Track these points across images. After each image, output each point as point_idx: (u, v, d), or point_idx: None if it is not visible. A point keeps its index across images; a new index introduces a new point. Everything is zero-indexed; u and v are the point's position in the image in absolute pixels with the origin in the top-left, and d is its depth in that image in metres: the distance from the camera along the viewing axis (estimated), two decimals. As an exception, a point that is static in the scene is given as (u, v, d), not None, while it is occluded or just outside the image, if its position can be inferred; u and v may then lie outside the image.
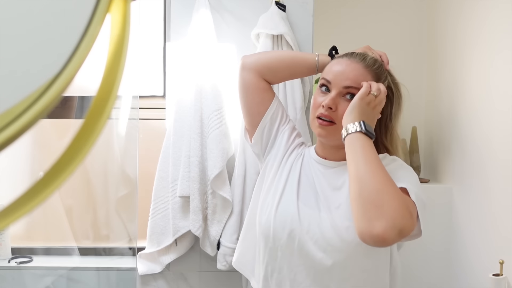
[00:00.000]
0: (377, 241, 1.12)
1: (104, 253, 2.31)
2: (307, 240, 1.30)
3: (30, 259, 2.23)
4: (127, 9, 0.50)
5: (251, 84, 1.47)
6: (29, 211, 0.46)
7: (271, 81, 1.50)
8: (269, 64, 1.48)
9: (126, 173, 2.24)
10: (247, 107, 1.49)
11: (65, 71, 0.46)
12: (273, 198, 1.38)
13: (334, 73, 1.33)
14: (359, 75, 1.32)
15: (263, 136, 1.48)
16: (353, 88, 1.30)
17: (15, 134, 0.44)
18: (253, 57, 1.51)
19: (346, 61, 1.35)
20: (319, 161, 1.40)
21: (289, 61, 1.50)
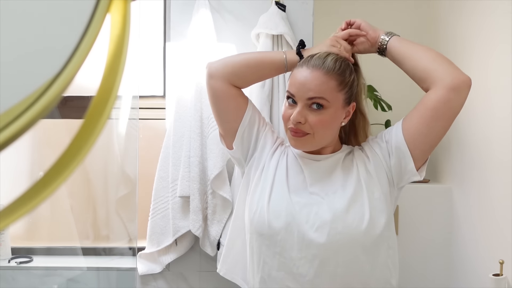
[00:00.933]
0: (469, 83, 1.32)
1: (104, 253, 2.31)
2: (307, 229, 1.30)
3: (30, 259, 2.23)
4: (127, 9, 0.50)
5: (222, 92, 1.43)
6: (29, 211, 0.46)
7: (240, 86, 1.46)
8: (235, 70, 1.44)
9: (126, 173, 2.24)
10: (222, 115, 1.46)
11: (65, 71, 0.46)
12: (262, 194, 1.37)
13: (297, 86, 1.32)
14: (321, 83, 1.31)
15: (243, 141, 1.45)
16: (317, 98, 1.31)
17: (15, 134, 0.44)
18: (218, 64, 1.46)
19: (306, 70, 1.33)
20: (308, 156, 1.40)
21: (256, 64, 1.46)
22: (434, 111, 1.30)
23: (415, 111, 1.33)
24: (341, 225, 1.29)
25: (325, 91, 1.31)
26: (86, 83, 0.64)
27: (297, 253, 1.31)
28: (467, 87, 1.31)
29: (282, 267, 1.33)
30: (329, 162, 1.38)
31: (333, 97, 1.31)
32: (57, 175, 0.47)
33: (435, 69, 1.31)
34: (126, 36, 0.50)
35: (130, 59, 0.50)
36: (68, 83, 0.46)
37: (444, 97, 1.29)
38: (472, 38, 2.15)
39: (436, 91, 1.29)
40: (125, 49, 0.50)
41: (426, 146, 1.34)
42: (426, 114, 1.30)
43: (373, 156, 1.37)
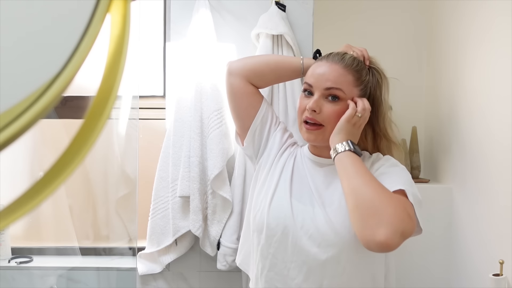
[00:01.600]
0: (382, 247, 1.14)
1: (104, 253, 2.31)
2: (302, 235, 1.32)
3: (30, 259, 2.23)
4: (127, 9, 0.50)
5: (239, 89, 1.50)
6: (29, 211, 0.46)
7: (257, 85, 1.53)
8: (255, 69, 1.51)
9: (126, 173, 2.24)
10: (237, 111, 1.53)
11: (65, 71, 0.46)
12: (266, 195, 1.40)
13: (315, 76, 1.36)
14: (339, 75, 1.34)
15: (255, 139, 1.50)
16: (334, 89, 1.34)
17: (15, 134, 0.44)
18: (239, 63, 1.54)
19: (325, 63, 1.37)
20: (313, 158, 1.43)
21: (274, 66, 1.53)
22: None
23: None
24: (333, 239, 1.29)
25: (342, 83, 1.34)
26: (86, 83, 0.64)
27: (289, 256, 1.33)
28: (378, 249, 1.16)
29: (273, 267, 1.35)
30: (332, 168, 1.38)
31: (349, 91, 1.35)
32: (57, 175, 0.47)
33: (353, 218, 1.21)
34: (126, 36, 0.50)
35: (130, 59, 0.50)
36: (68, 83, 0.46)
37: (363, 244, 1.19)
38: (472, 39, 2.15)
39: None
40: (125, 49, 0.50)
41: None
42: None
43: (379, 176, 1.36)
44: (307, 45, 2.16)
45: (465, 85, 2.20)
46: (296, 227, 1.33)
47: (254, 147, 1.51)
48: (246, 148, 1.52)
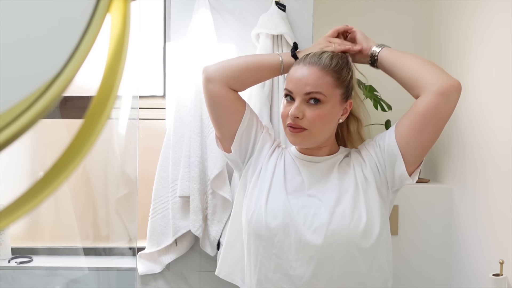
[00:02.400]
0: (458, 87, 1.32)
1: (104, 253, 2.31)
2: (304, 231, 1.31)
3: (30, 259, 2.23)
4: (127, 9, 0.50)
5: (221, 96, 1.44)
6: (29, 211, 0.46)
7: (237, 89, 1.47)
8: (234, 73, 1.45)
9: (126, 173, 2.24)
10: (220, 119, 1.46)
11: (65, 71, 0.46)
12: (260, 196, 1.38)
13: (294, 82, 1.35)
14: (317, 78, 1.34)
15: (242, 144, 1.46)
16: (314, 93, 1.33)
17: (15, 134, 0.44)
18: (216, 68, 1.47)
19: (302, 66, 1.36)
20: (305, 158, 1.42)
21: (253, 68, 1.48)
22: (423, 117, 1.31)
23: (406, 116, 1.35)
24: (338, 227, 1.30)
25: (322, 85, 1.33)
26: (86, 83, 0.64)
27: (294, 254, 1.32)
28: (456, 91, 1.32)
29: (279, 268, 1.33)
30: (326, 164, 1.40)
31: (329, 92, 1.34)
32: (57, 175, 0.47)
33: (424, 75, 1.33)
34: (126, 36, 0.50)
35: (130, 59, 0.50)
36: (68, 83, 0.46)
37: (433, 102, 1.30)
38: (472, 39, 2.15)
39: (425, 96, 1.31)
40: (125, 49, 0.50)
41: (417, 150, 1.36)
42: (416, 120, 1.32)
43: (369, 159, 1.39)
44: (307, 45, 2.15)
45: (465, 85, 2.20)
46: (298, 223, 1.32)
47: (241, 152, 1.46)
48: (232, 155, 1.47)
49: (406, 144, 1.33)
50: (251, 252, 1.39)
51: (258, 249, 1.36)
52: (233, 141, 1.45)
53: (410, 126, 1.33)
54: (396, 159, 1.35)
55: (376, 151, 1.39)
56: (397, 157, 1.34)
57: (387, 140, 1.37)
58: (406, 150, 1.34)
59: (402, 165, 1.34)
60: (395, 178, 1.37)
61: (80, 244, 2.32)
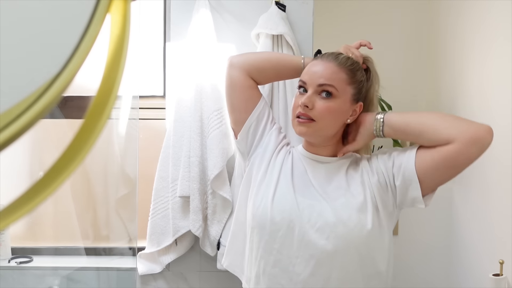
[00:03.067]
0: (491, 132, 1.28)
1: (104, 253, 2.31)
2: (308, 228, 1.32)
3: (30, 259, 2.23)
4: (127, 9, 0.50)
5: (239, 81, 1.51)
6: (29, 211, 0.46)
7: (257, 81, 1.53)
8: (256, 64, 1.52)
9: (126, 173, 2.24)
10: (234, 104, 1.53)
11: (65, 71, 0.46)
12: (267, 191, 1.40)
13: (309, 74, 1.39)
14: (332, 72, 1.37)
15: (249, 134, 1.50)
16: (326, 85, 1.36)
17: (15, 134, 0.44)
18: (241, 57, 1.56)
19: (320, 62, 1.40)
20: (311, 156, 1.43)
21: (276, 63, 1.54)
22: (451, 163, 1.30)
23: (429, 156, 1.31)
24: (342, 230, 1.31)
25: (335, 80, 1.36)
26: (86, 83, 0.64)
27: (295, 251, 1.33)
28: (490, 136, 1.29)
29: (278, 263, 1.35)
30: (333, 166, 1.41)
31: (342, 88, 1.36)
32: (57, 175, 0.47)
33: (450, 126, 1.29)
34: (126, 36, 0.50)
35: (130, 59, 0.50)
36: (68, 83, 0.46)
37: (464, 151, 1.28)
38: (472, 39, 2.15)
39: (455, 145, 1.27)
40: (125, 49, 0.50)
41: (435, 183, 1.35)
42: (443, 164, 1.31)
43: (378, 171, 1.38)
44: (307, 45, 2.16)
45: (465, 85, 2.20)
46: (303, 220, 1.33)
47: (248, 142, 1.51)
48: (239, 142, 1.53)
49: (424, 175, 1.32)
50: (253, 245, 1.41)
51: (260, 242, 1.37)
52: (241, 130, 1.51)
53: (434, 166, 1.31)
54: (411, 182, 1.33)
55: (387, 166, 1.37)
56: (412, 181, 1.33)
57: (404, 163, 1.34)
58: (423, 179, 1.33)
59: (417, 189, 1.33)
60: (406, 199, 1.37)
61: (80, 244, 2.32)
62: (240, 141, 1.51)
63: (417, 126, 1.32)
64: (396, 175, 1.35)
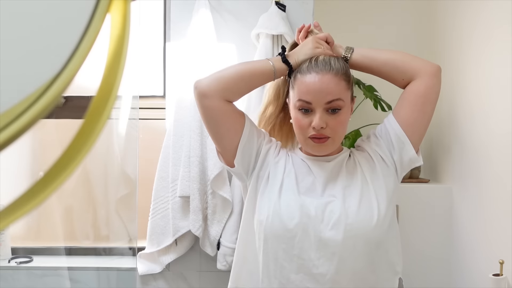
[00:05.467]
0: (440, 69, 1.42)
1: (104, 253, 2.31)
2: (323, 228, 1.31)
3: (30, 259, 2.23)
4: (127, 9, 0.50)
5: (219, 110, 1.39)
6: (29, 211, 0.46)
7: (233, 100, 1.43)
8: (228, 85, 1.40)
9: (126, 173, 2.24)
10: (220, 133, 1.42)
11: (65, 71, 0.46)
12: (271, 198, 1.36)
13: (313, 93, 1.33)
14: (335, 85, 1.34)
15: (244, 156, 1.41)
16: (336, 101, 1.33)
17: (15, 134, 0.44)
18: (209, 81, 1.40)
19: (316, 76, 1.34)
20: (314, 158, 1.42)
21: (247, 76, 1.43)
22: (424, 97, 1.39)
23: (405, 103, 1.41)
24: (354, 221, 1.32)
25: (340, 92, 1.34)
26: (86, 83, 0.64)
27: (315, 253, 1.31)
28: (440, 72, 1.43)
29: (302, 268, 1.32)
30: (335, 162, 1.41)
31: (346, 96, 1.36)
32: (57, 175, 0.47)
33: (412, 63, 1.42)
34: (126, 36, 0.50)
35: (130, 59, 0.50)
36: (68, 83, 0.46)
37: (430, 83, 1.39)
38: (472, 39, 2.15)
39: (421, 80, 1.39)
40: (125, 49, 0.50)
41: (421, 130, 1.43)
42: (418, 102, 1.39)
43: (373, 153, 1.41)
44: (307, 45, 2.16)
45: (465, 85, 2.20)
46: (316, 221, 1.32)
47: (244, 164, 1.42)
48: (236, 168, 1.43)
49: (411, 127, 1.39)
50: (270, 257, 1.35)
51: (278, 252, 1.33)
52: (236, 155, 1.41)
53: (413, 109, 1.39)
54: (404, 145, 1.39)
55: (379, 144, 1.41)
56: (404, 142, 1.39)
57: (390, 129, 1.40)
58: (411, 133, 1.39)
59: (411, 149, 1.40)
60: (404, 163, 1.41)
61: (80, 244, 2.32)
62: (238, 166, 1.42)
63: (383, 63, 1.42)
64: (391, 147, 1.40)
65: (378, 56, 1.44)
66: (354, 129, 2.52)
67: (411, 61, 1.42)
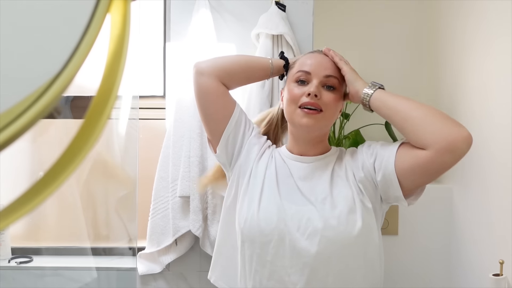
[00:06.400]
0: (469, 141, 1.24)
1: (104, 253, 2.31)
2: (298, 237, 1.28)
3: (30, 259, 2.23)
4: (127, 9, 0.50)
5: (212, 89, 1.41)
6: (29, 211, 0.46)
7: (228, 86, 1.44)
8: (227, 67, 1.44)
9: (126, 173, 2.24)
10: (208, 114, 1.43)
11: (65, 71, 0.46)
12: (252, 201, 1.34)
13: (313, 65, 1.36)
14: (332, 65, 1.37)
15: (228, 145, 1.42)
16: (332, 77, 1.35)
17: (15, 134, 0.44)
18: (209, 62, 1.45)
19: (317, 55, 1.39)
20: (296, 158, 1.40)
21: (245, 65, 1.47)
22: (425, 170, 1.26)
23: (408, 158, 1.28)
24: (332, 233, 1.28)
25: (337, 73, 1.37)
26: (86, 83, 0.64)
27: (288, 261, 1.29)
28: (466, 145, 1.24)
29: (273, 275, 1.31)
30: (318, 164, 1.38)
31: (339, 84, 1.37)
32: (57, 175, 0.47)
33: (426, 129, 1.24)
34: (126, 36, 0.50)
35: (130, 59, 0.50)
36: (68, 83, 0.46)
37: (437, 159, 1.23)
38: (472, 39, 2.15)
39: (428, 152, 1.23)
40: (125, 49, 0.50)
41: (416, 185, 1.32)
42: (417, 171, 1.27)
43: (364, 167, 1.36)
44: (307, 45, 2.16)
45: (465, 85, 2.20)
46: (292, 229, 1.29)
47: (227, 153, 1.43)
48: (219, 155, 1.44)
49: (403, 176, 1.29)
50: (246, 259, 1.36)
51: (252, 256, 1.33)
52: (220, 141, 1.42)
53: (410, 170, 1.27)
54: (392, 182, 1.30)
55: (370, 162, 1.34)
56: (393, 181, 1.30)
57: (385, 162, 1.31)
58: (403, 181, 1.29)
59: (398, 189, 1.30)
60: (389, 196, 1.34)
61: (80, 244, 2.32)
62: (220, 154, 1.43)
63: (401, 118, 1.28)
64: (377, 172, 1.32)
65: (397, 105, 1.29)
66: (354, 129, 2.52)
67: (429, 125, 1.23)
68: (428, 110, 1.27)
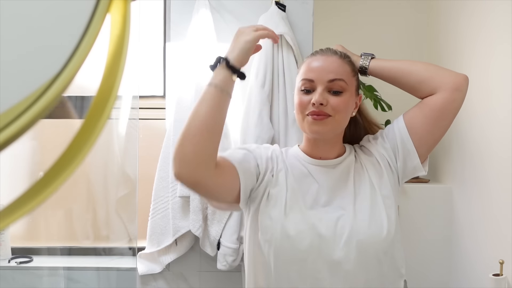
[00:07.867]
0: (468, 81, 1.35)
1: (104, 253, 2.31)
2: (334, 247, 1.26)
3: (30, 259, 2.23)
4: (127, 9, 0.50)
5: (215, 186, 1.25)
6: (29, 211, 0.46)
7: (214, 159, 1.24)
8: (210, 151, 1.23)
9: (126, 173, 2.24)
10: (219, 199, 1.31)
11: (65, 71, 0.46)
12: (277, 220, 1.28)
13: (315, 70, 1.31)
14: (338, 66, 1.32)
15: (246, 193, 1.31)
16: (337, 80, 1.29)
17: (15, 134, 0.44)
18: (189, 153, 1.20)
19: (320, 57, 1.33)
20: (316, 162, 1.35)
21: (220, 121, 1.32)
22: (440, 112, 1.33)
23: (418, 112, 1.35)
24: (365, 237, 1.27)
25: (343, 73, 1.31)
26: (86, 83, 0.64)
27: (328, 271, 1.26)
28: (467, 84, 1.37)
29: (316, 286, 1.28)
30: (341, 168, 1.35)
31: (349, 81, 1.32)
32: (57, 175, 0.47)
33: (433, 75, 1.35)
34: (126, 36, 0.50)
35: (130, 59, 0.50)
36: (68, 83, 0.46)
37: (450, 98, 1.33)
38: (472, 38, 2.15)
39: (441, 94, 1.33)
40: (125, 49, 0.50)
41: (431, 143, 1.37)
42: (432, 115, 1.33)
43: (381, 157, 1.35)
44: (307, 45, 2.16)
45: (465, 85, 2.20)
46: (328, 241, 1.26)
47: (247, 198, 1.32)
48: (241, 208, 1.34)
49: (420, 138, 1.34)
50: (282, 277, 1.29)
51: (290, 273, 1.28)
52: (240, 201, 1.31)
53: (425, 121, 1.34)
54: (409, 153, 1.35)
55: (386, 147, 1.36)
56: (410, 150, 1.34)
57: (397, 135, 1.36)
58: (419, 143, 1.34)
59: (416, 158, 1.35)
60: (407, 170, 1.37)
61: (80, 244, 2.32)
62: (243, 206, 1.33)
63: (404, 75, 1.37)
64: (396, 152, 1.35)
65: (397, 65, 1.39)
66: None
67: (434, 72, 1.36)
68: (424, 63, 1.42)
